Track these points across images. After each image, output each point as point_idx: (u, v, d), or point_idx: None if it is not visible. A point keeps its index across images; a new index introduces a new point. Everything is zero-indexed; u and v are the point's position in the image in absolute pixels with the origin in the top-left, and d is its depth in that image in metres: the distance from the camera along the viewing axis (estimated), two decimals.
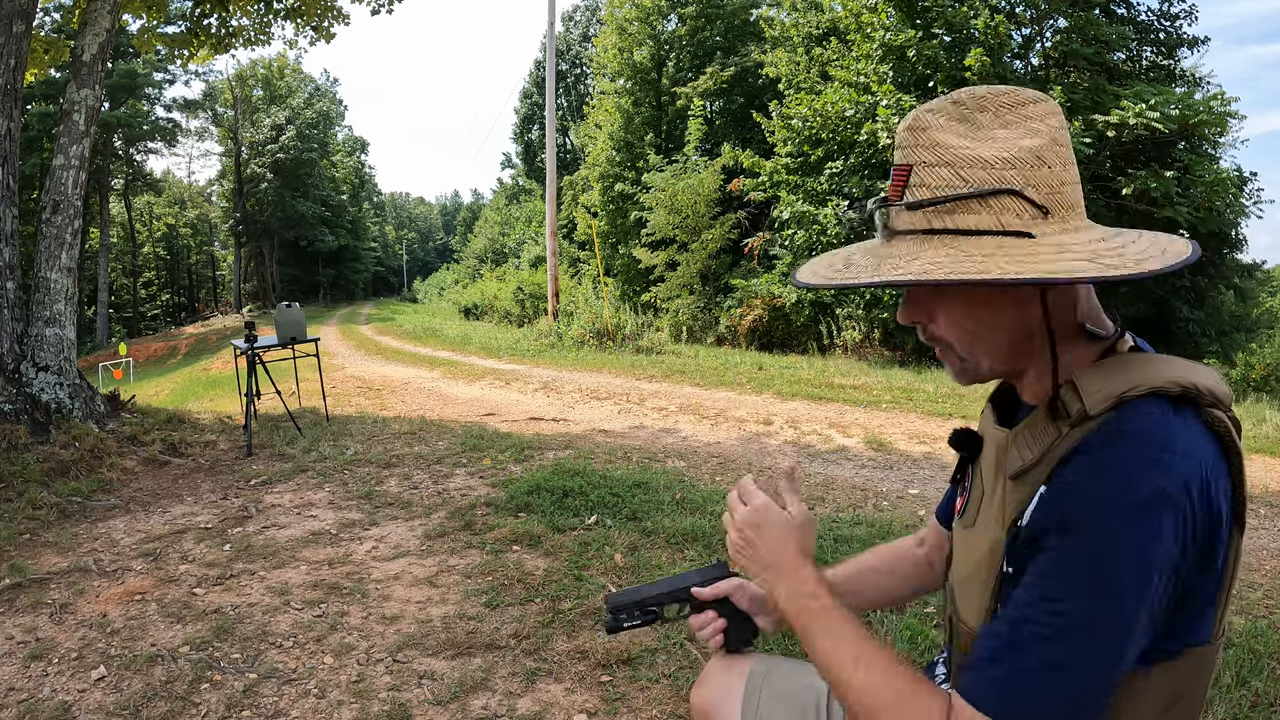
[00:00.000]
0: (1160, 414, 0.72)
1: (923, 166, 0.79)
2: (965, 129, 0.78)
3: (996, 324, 0.82)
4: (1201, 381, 0.75)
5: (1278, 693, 2.08)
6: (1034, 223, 0.75)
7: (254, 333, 5.49)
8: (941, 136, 0.78)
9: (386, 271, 68.30)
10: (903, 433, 5.67)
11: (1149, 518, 0.67)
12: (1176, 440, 0.70)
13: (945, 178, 0.77)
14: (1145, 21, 12.38)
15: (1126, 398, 0.74)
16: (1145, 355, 0.80)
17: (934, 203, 0.77)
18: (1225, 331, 12.46)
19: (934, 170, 0.78)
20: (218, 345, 21.80)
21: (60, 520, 3.75)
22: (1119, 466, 0.70)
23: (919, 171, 0.79)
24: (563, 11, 44.52)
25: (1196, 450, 0.71)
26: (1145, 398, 0.74)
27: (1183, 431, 0.72)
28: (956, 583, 0.93)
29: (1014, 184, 0.75)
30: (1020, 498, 0.79)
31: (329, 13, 8.47)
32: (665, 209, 14.91)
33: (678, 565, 3.01)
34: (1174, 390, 0.74)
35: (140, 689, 2.21)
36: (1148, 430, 0.71)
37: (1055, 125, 0.78)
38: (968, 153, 0.77)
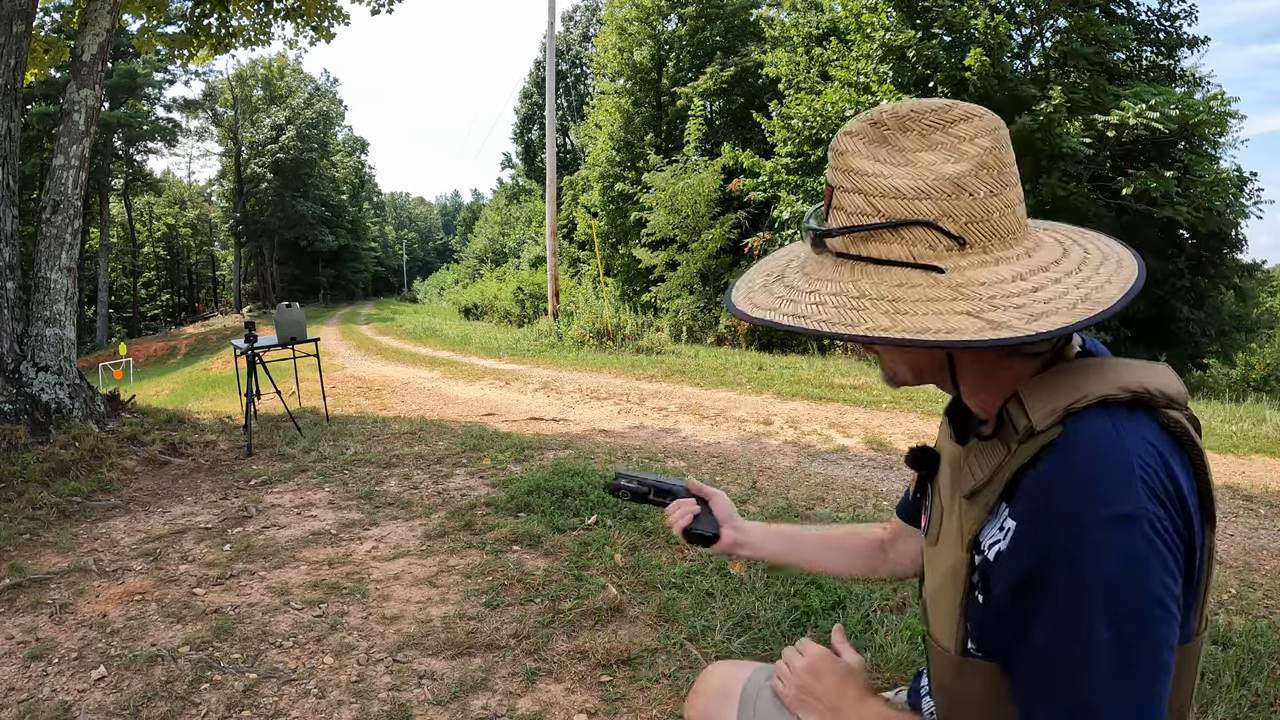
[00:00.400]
0: (1111, 426, 0.71)
1: (841, 191, 0.77)
2: (884, 153, 0.75)
3: (908, 355, 0.84)
4: (1152, 383, 0.74)
5: (1278, 693, 2.08)
6: (948, 254, 0.73)
7: (254, 333, 5.49)
8: (856, 162, 0.76)
9: (386, 271, 68.30)
10: (903, 433, 5.67)
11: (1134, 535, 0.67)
12: (1131, 452, 0.69)
13: (859, 205, 0.75)
14: (1145, 21, 12.38)
15: (1074, 410, 0.72)
16: (1092, 361, 0.78)
17: (842, 232, 0.76)
18: (1225, 331, 12.46)
19: (850, 196, 0.76)
20: (218, 345, 21.81)
21: (60, 520, 3.75)
22: (1082, 491, 0.69)
23: (838, 196, 0.78)
24: (563, 11, 44.57)
25: (1152, 456, 0.70)
26: (1093, 408, 0.72)
27: (1137, 441, 0.70)
28: (928, 599, 0.92)
29: (927, 215, 0.73)
30: (977, 515, 0.79)
31: (329, 13, 8.47)
32: (665, 209, 14.91)
33: (678, 565, 3.01)
34: (1123, 396, 0.72)
35: (140, 689, 2.21)
36: (1102, 448, 0.70)
37: (986, 146, 0.74)
38: (881, 181, 0.74)
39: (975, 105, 0.76)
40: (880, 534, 1.21)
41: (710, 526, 1.18)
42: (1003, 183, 0.75)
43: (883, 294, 0.73)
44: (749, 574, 2.85)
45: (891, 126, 0.75)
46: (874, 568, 1.19)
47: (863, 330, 0.71)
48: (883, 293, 0.73)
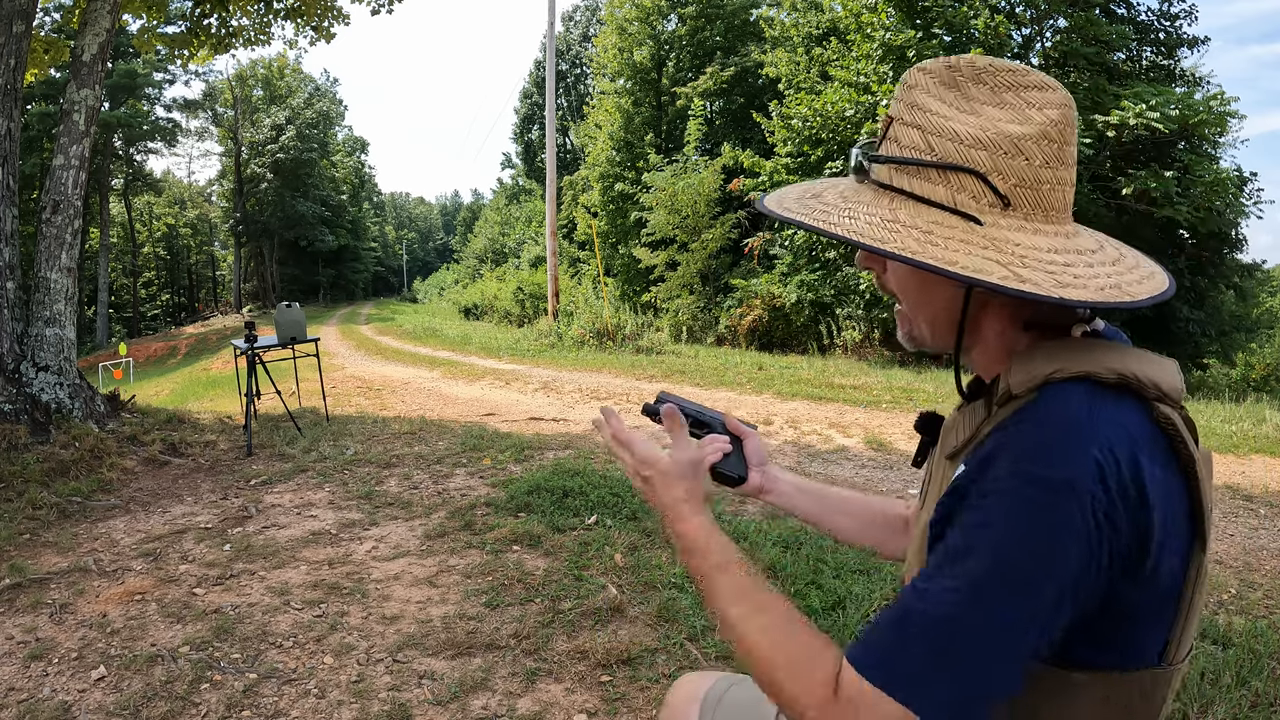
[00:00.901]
0: (1085, 399, 0.68)
1: (900, 123, 0.77)
2: (952, 96, 0.75)
3: (929, 298, 0.81)
4: (1147, 373, 0.71)
5: (1278, 693, 2.08)
6: (989, 210, 0.72)
7: (254, 333, 5.49)
8: (922, 98, 0.76)
9: (386, 271, 68.31)
10: (903, 433, 5.67)
11: (1055, 504, 0.63)
12: (1098, 429, 0.66)
13: (915, 140, 0.75)
14: (1145, 21, 12.38)
15: (1052, 379, 0.71)
16: (1091, 342, 0.76)
17: (894, 161, 0.76)
18: (1225, 331, 12.46)
19: (908, 130, 0.76)
20: (218, 345, 21.80)
21: (60, 520, 3.75)
22: (1029, 448, 0.66)
23: (896, 127, 0.77)
24: (563, 11, 44.57)
25: (1121, 443, 0.66)
26: (1072, 381, 0.70)
27: (1109, 422, 0.67)
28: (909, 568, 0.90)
29: (979, 165, 0.72)
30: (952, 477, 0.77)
31: (329, 13, 8.47)
32: (665, 209, 14.92)
33: (678, 565, 3.01)
34: (1109, 377, 0.70)
35: (140, 689, 2.21)
36: (1065, 414, 0.67)
37: (1053, 118, 0.73)
38: (942, 122, 0.74)
39: (1051, 78, 0.76)
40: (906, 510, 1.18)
41: (739, 468, 1.13)
42: (1060, 160, 0.74)
43: (917, 224, 0.72)
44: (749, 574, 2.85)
45: (966, 74, 0.76)
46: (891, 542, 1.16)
47: (891, 247, 0.70)
48: (917, 223, 0.72)
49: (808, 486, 1.18)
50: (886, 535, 1.15)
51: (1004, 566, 0.64)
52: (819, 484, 1.20)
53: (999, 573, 0.64)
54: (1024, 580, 0.63)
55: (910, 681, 0.65)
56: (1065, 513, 0.63)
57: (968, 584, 0.65)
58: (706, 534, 0.87)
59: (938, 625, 0.65)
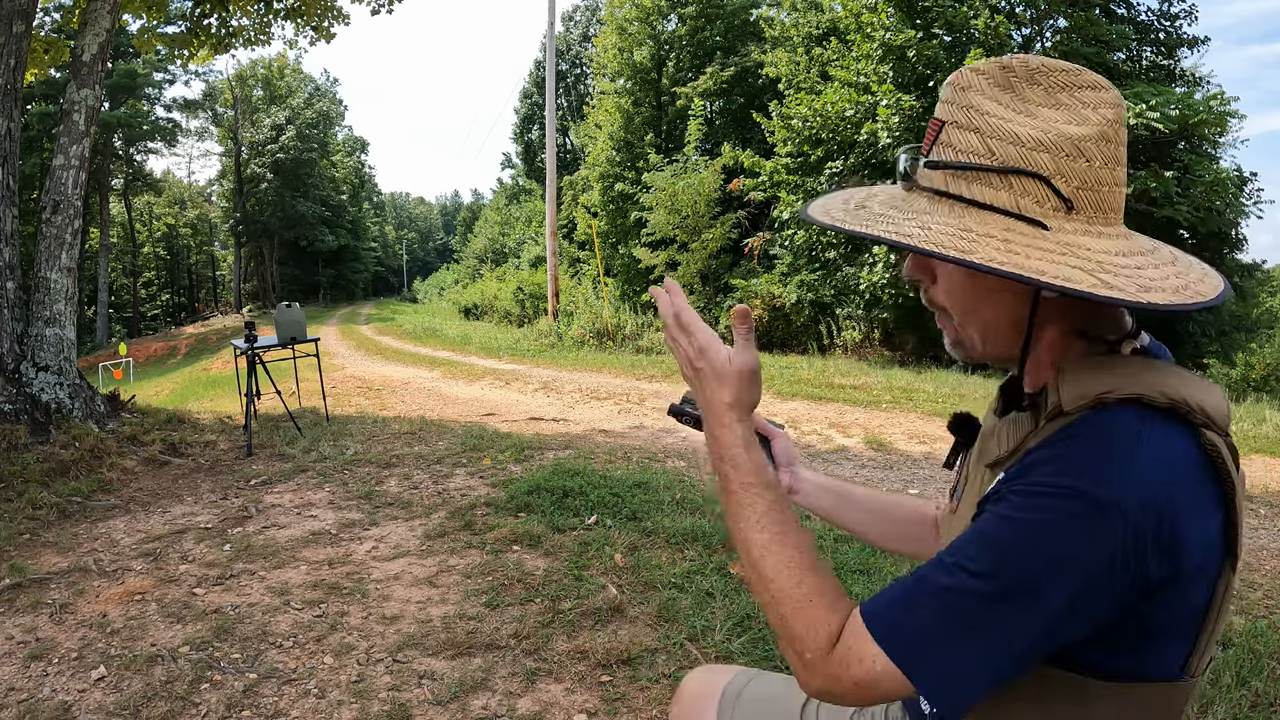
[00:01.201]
0: (1135, 423, 0.68)
1: (954, 127, 0.75)
2: (1009, 99, 0.73)
3: (988, 306, 0.78)
4: (1197, 398, 0.70)
5: (1278, 693, 2.08)
6: (1054, 215, 0.71)
7: (254, 333, 5.49)
8: (979, 100, 0.74)
9: (386, 271, 68.30)
10: (903, 433, 5.67)
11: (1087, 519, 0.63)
12: (1145, 457, 0.65)
13: (973, 144, 0.73)
14: (1145, 21, 12.38)
15: (1104, 399, 0.70)
16: (1143, 361, 0.75)
17: (954, 167, 0.73)
18: (1225, 331, 12.45)
19: (963, 134, 0.74)
20: (218, 345, 21.80)
21: (60, 520, 3.75)
22: (1076, 463, 0.66)
23: (949, 131, 0.75)
24: (563, 11, 44.58)
25: (1166, 470, 0.66)
26: (1124, 403, 0.69)
27: (1156, 447, 0.67)
28: None
29: (1043, 168, 0.70)
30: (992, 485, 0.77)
31: (329, 13, 8.47)
32: (665, 209, 14.92)
33: (678, 565, 3.01)
34: (1161, 401, 0.69)
35: (140, 689, 2.21)
36: (1116, 437, 0.67)
37: (1109, 118, 0.72)
38: (1002, 125, 0.72)
39: (1103, 77, 0.75)
40: (934, 511, 1.16)
41: None
42: (1117, 160, 0.74)
43: (991, 233, 0.70)
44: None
45: (1020, 75, 0.74)
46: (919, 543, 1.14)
47: (978, 258, 0.68)
48: (991, 231, 0.70)
49: (834, 486, 1.16)
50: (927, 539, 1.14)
51: (1022, 566, 0.64)
52: (848, 485, 1.18)
53: (1015, 571, 0.64)
54: (1036, 585, 0.64)
55: (909, 644, 0.66)
56: (1094, 530, 0.63)
57: (985, 571, 0.65)
58: (745, 446, 0.84)
59: (947, 602, 0.66)
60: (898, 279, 11.48)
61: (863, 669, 0.68)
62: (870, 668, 0.67)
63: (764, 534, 0.79)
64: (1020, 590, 0.64)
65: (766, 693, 1.08)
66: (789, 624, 0.74)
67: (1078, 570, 0.63)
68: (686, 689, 1.16)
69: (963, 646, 0.65)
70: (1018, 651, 0.65)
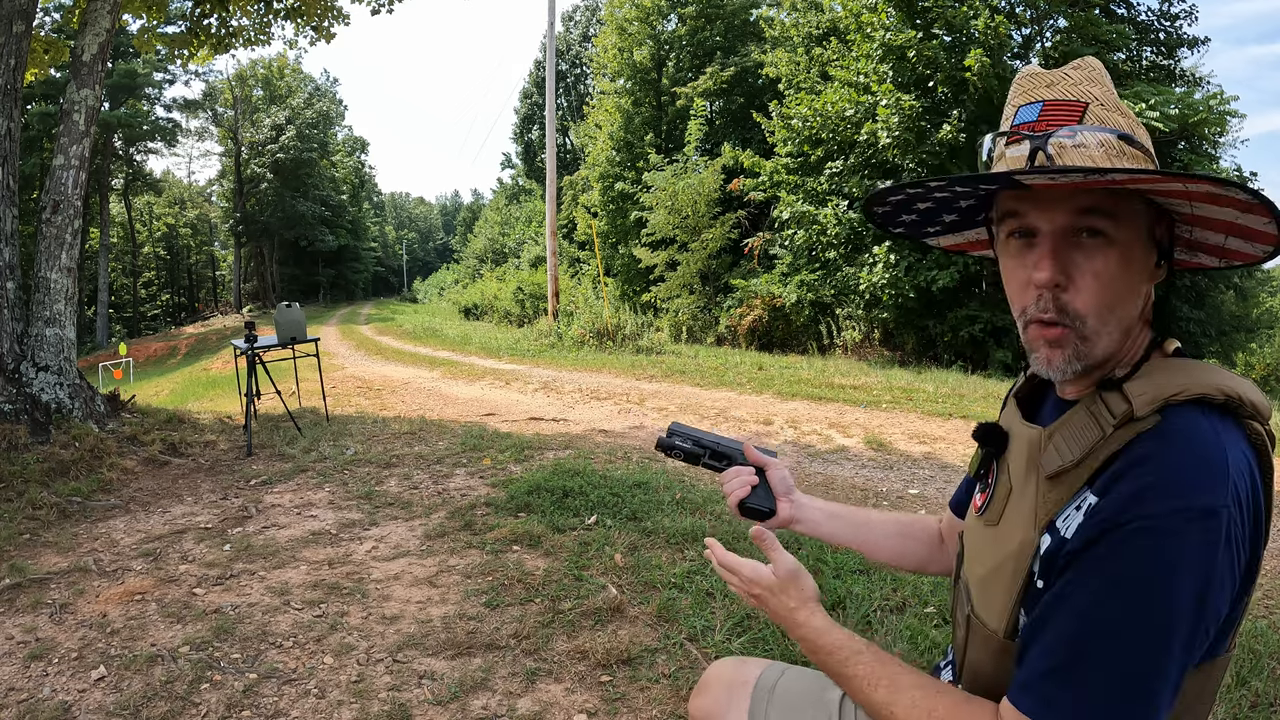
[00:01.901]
0: (1207, 424, 0.71)
1: (1099, 106, 0.78)
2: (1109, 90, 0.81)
3: (1134, 291, 0.78)
4: (1244, 392, 0.74)
5: (1278, 693, 2.08)
6: None
7: (254, 333, 5.49)
8: (1110, 85, 0.80)
9: (386, 271, 68.30)
10: (903, 433, 5.67)
11: (1206, 529, 0.66)
12: (1226, 452, 0.69)
13: (1124, 124, 0.78)
14: (1145, 21, 12.39)
15: (1173, 401, 0.72)
16: (1189, 361, 0.79)
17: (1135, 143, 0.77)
18: (1225, 331, 12.48)
19: (1112, 114, 0.78)
20: (218, 345, 21.80)
21: (60, 520, 3.75)
22: (1174, 477, 0.68)
23: (1096, 110, 0.77)
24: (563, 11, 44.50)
25: (1242, 464, 0.70)
26: (1191, 404, 0.72)
27: (1233, 444, 0.71)
28: (974, 580, 0.90)
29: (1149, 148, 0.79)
30: (1058, 497, 0.77)
31: (329, 13, 8.47)
32: (665, 209, 14.92)
33: (678, 565, 3.01)
34: (1218, 398, 0.72)
35: (140, 689, 2.21)
36: (1199, 441, 0.70)
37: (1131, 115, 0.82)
38: (1128, 106, 0.79)
39: None
40: (937, 526, 1.17)
41: (767, 500, 1.12)
42: None
43: None
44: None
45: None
46: (930, 559, 1.16)
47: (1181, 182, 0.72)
48: None
49: (838, 511, 1.17)
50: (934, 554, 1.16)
51: (1171, 602, 0.66)
52: (851, 507, 1.19)
53: (1166, 609, 0.66)
54: (1188, 611, 0.66)
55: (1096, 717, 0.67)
56: (1213, 538, 0.66)
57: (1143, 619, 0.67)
58: (826, 633, 0.90)
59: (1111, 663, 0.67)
60: (898, 279, 11.48)
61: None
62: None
63: (879, 692, 0.83)
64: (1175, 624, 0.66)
65: (802, 686, 1.08)
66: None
67: (1213, 579, 0.67)
68: (712, 679, 1.14)
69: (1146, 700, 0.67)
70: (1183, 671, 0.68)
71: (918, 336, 12.17)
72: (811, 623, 0.91)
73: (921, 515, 1.20)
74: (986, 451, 0.94)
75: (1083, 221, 0.75)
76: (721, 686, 1.11)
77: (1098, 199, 0.74)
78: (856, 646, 0.87)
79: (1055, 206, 0.76)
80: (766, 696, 1.06)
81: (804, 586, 0.94)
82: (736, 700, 1.07)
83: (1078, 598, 0.70)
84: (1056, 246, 0.76)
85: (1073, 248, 0.76)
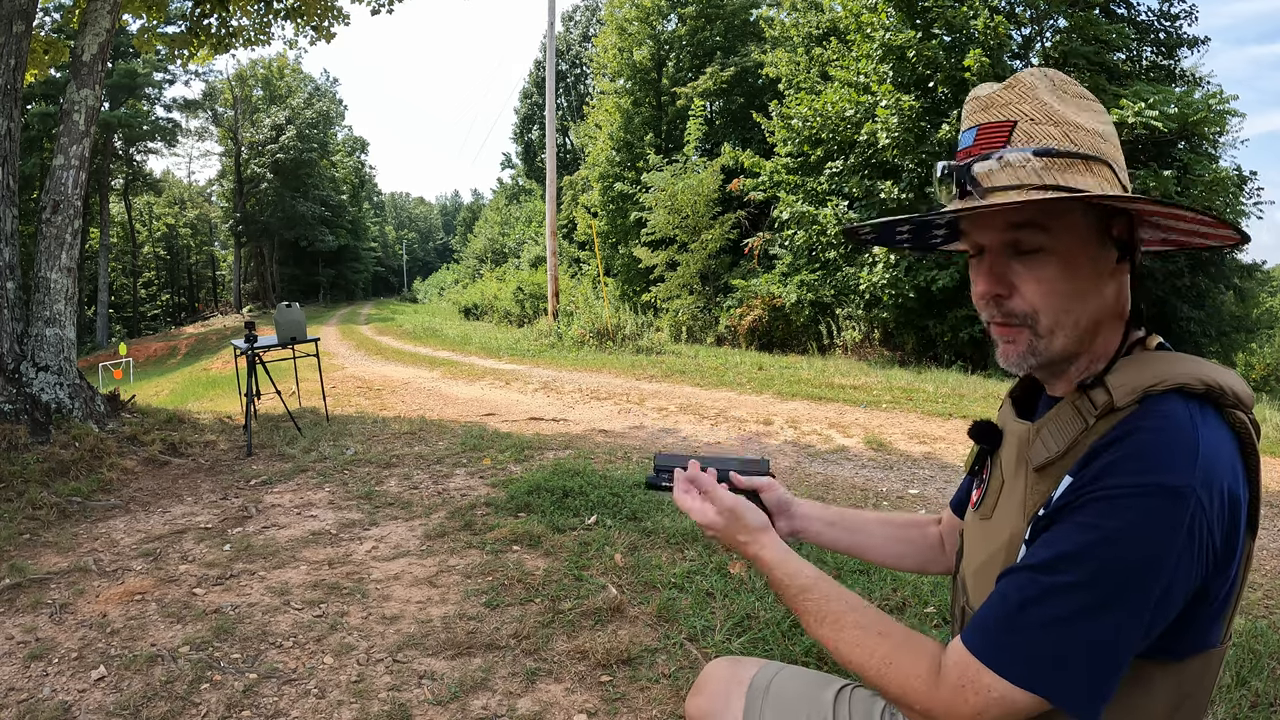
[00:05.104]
0: (1184, 410, 0.73)
1: (1028, 122, 0.79)
2: (1058, 99, 0.80)
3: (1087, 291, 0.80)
4: (1225, 381, 0.75)
5: (1278, 693, 2.08)
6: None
7: (254, 333, 5.49)
8: (1046, 97, 0.79)
9: (386, 271, 68.30)
10: (902, 433, 5.67)
11: (1169, 509, 0.67)
12: (1202, 438, 0.70)
13: (1054, 135, 0.78)
14: (1145, 21, 12.39)
15: (1152, 392, 0.74)
16: (1171, 354, 0.81)
17: (1058, 154, 0.77)
18: (1225, 331, 12.47)
19: (1041, 127, 0.78)
20: (218, 345, 21.80)
21: (60, 520, 3.75)
22: (1145, 458, 0.70)
23: (1024, 127, 0.79)
24: (563, 11, 44.52)
25: (1220, 450, 0.71)
26: (1170, 393, 0.74)
27: (1208, 430, 0.72)
28: (969, 574, 0.92)
29: (1109, 157, 0.78)
30: (1045, 489, 0.80)
31: (329, 13, 8.47)
32: (665, 209, 14.91)
33: (678, 565, 3.01)
34: (1199, 388, 0.74)
35: (140, 689, 2.21)
36: (1175, 426, 0.71)
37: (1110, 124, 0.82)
38: (1071, 116, 0.78)
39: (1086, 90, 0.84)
40: (936, 526, 1.19)
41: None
42: None
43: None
44: (749, 574, 2.85)
45: (1057, 83, 0.82)
46: (930, 560, 1.17)
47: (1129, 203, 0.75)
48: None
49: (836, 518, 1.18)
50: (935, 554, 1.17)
51: (1122, 569, 0.68)
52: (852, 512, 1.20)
53: (1116, 575, 0.68)
54: (1139, 582, 0.68)
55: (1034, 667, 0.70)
56: (1175, 516, 0.68)
57: (1086, 581, 0.69)
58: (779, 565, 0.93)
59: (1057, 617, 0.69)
60: (897, 279, 11.48)
61: (981, 699, 0.71)
62: (988, 697, 0.71)
63: (824, 628, 0.86)
64: (1124, 591, 0.68)
65: (796, 685, 1.08)
66: (887, 691, 0.79)
67: (1169, 556, 0.68)
68: (709, 679, 1.15)
69: (1088, 656, 0.69)
70: (1134, 643, 0.69)
71: (918, 336, 12.17)
72: (763, 556, 0.94)
73: (920, 515, 1.20)
74: (981, 448, 0.97)
75: (1015, 236, 0.80)
76: (717, 686, 1.12)
77: (1028, 214, 0.78)
78: (804, 583, 0.90)
79: (990, 225, 0.81)
80: (761, 696, 1.06)
81: (747, 520, 0.97)
82: (732, 700, 1.08)
83: (1036, 554, 0.74)
84: (994, 262, 0.82)
85: (1013, 259, 0.81)
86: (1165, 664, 0.75)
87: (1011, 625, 0.71)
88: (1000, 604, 0.73)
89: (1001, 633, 0.72)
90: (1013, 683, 0.70)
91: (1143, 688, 0.75)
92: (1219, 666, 0.80)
